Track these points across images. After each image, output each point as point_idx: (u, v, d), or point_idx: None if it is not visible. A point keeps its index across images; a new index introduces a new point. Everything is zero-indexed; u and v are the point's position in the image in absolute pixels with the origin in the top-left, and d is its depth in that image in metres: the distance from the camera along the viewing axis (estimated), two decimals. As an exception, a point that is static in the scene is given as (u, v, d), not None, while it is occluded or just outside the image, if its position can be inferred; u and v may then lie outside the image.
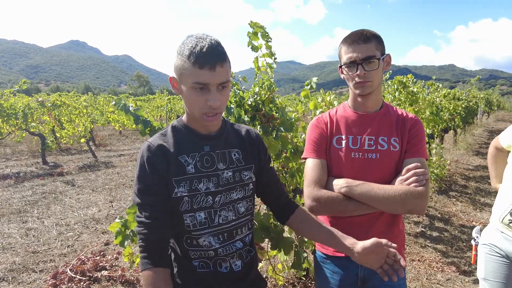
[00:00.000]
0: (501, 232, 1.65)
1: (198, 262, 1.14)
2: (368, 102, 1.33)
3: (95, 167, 8.14)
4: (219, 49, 1.00)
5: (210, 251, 1.13)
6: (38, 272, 3.26)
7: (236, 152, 1.20)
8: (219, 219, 1.13)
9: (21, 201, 5.48)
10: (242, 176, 1.19)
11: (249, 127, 1.30)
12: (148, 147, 1.08)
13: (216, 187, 1.12)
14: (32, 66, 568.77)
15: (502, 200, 1.66)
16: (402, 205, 1.19)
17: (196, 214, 1.10)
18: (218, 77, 1.00)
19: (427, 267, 3.28)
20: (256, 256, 1.29)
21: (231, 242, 1.16)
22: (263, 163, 1.27)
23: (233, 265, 1.17)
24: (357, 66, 1.24)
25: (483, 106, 17.35)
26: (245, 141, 1.23)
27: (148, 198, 1.07)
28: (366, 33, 1.25)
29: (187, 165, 1.09)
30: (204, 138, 1.13)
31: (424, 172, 1.22)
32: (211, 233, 1.12)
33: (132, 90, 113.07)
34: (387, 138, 1.30)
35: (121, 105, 1.61)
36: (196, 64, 0.98)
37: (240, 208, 1.18)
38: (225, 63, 1.01)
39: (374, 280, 1.32)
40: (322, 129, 1.38)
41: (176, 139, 1.11)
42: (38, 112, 9.05)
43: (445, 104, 7.74)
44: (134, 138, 13.96)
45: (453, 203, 5.20)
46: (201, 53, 0.97)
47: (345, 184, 1.25)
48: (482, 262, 1.73)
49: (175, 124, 1.16)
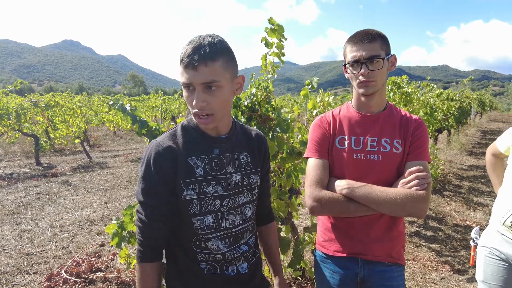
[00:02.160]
0: (501, 234, 1.63)
1: (205, 265, 1.14)
2: (372, 102, 1.32)
3: (90, 168, 8.08)
4: (208, 48, 0.96)
5: (218, 255, 1.13)
6: (32, 274, 3.23)
7: (244, 155, 1.19)
8: (226, 223, 1.13)
9: (14, 202, 5.42)
10: (250, 180, 1.19)
11: (258, 131, 1.29)
12: (156, 147, 1.06)
13: (224, 190, 1.11)
14: (25, 65, 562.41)
15: (504, 202, 1.64)
16: (403, 208, 1.19)
17: (205, 218, 1.10)
18: (200, 76, 0.96)
19: (422, 266, 3.31)
20: (260, 258, 1.30)
21: (237, 245, 1.16)
22: (265, 171, 1.29)
23: (239, 268, 1.17)
24: (361, 65, 1.23)
25: (476, 107, 17.53)
26: (254, 144, 1.23)
27: (151, 199, 1.07)
28: (371, 33, 1.25)
29: (196, 167, 1.08)
30: (214, 141, 1.12)
31: (426, 176, 1.21)
32: (218, 237, 1.12)
33: (126, 90, 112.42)
34: (390, 140, 1.30)
35: (119, 105, 1.61)
36: (183, 64, 0.98)
37: (247, 212, 1.19)
38: (213, 62, 0.97)
39: (374, 280, 1.32)
40: (325, 129, 1.37)
41: (185, 140, 1.09)
42: (31, 112, 8.96)
43: (439, 105, 7.82)
44: (128, 139, 13.88)
45: (447, 202, 5.25)
46: (186, 53, 0.97)
47: (347, 185, 1.25)
48: (481, 265, 1.72)
49: (185, 123, 1.14)
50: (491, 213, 1.76)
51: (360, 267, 1.32)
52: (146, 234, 1.09)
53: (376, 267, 1.32)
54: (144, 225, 1.08)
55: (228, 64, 1.02)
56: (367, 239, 1.31)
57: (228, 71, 1.02)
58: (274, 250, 1.39)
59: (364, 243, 1.31)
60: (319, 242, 1.45)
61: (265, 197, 1.35)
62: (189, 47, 0.97)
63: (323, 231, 1.43)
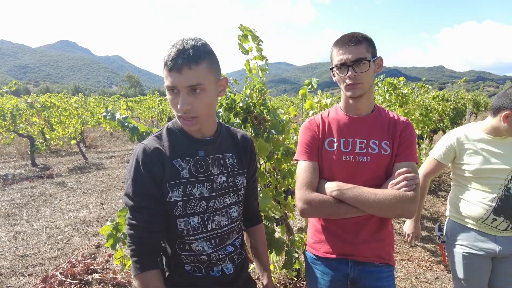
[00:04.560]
0: (478, 231, 1.74)
1: (190, 267, 1.14)
2: (360, 104, 1.33)
3: (86, 169, 8.05)
4: (192, 52, 0.97)
5: (203, 256, 1.13)
6: (27, 276, 3.22)
7: (230, 156, 1.20)
8: (212, 224, 1.13)
9: (10, 204, 5.39)
10: (235, 181, 1.19)
11: (245, 132, 1.30)
12: (144, 150, 1.06)
13: (210, 192, 1.12)
14: (20, 66, 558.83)
15: (476, 202, 1.72)
16: (392, 210, 1.21)
17: (190, 219, 1.10)
18: (185, 79, 0.97)
19: (417, 266, 3.34)
20: (246, 258, 1.30)
21: (222, 246, 1.17)
22: (251, 172, 1.29)
23: (225, 269, 1.17)
24: (348, 68, 1.25)
25: (471, 107, 17.66)
26: (240, 146, 1.24)
27: (144, 201, 1.05)
28: (356, 36, 1.27)
29: (182, 169, 1.08)
30: (199, 143, 1.12)
31: (414, 177, 1.23)
32: (204, 238, 1.12)
33: (123, 91, 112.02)
34: (378, 142, 1.31)
35: (110, 115, 1.68)
36: (166, 67, 0.98)
37: (232, 213, 1.19)
38: (197, 65, 0.97)
39: (364, 281, 1.34)
40: (314, 131, 1.39)
41: (171, 142, 1.10)
42: (27, 113, 8.91)
43: (434, 105, 7.87)
44: (125, 140, 13.84)
45: (442, 202, 5.29)
46: (170, 56, 0.97)
47: (337, 187, 1.26)
48: (461, 263, 1.78)
49: (170, 126, 1.14)
50: (456, 212, 1.84)
51: (350, 268, 1.34)
52: (143, 240, 1.05)
53: (366, 267, 1.33)
54: (139, 230, 1.05)
55: (211, 67, 1.03)
56: (356, 240, 1.32)
57: (212, 73, 1.03)
58: (262, 251, 1.39)
59: (353, 244, 1.32)
60: (310, 244, 1.47)
61: (252, 198, 1.35)
62: (173, 51, 0.98)
63: (314, 232, 1.45)
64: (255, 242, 1.40)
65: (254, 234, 1.40)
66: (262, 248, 1.40)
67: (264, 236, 1.43)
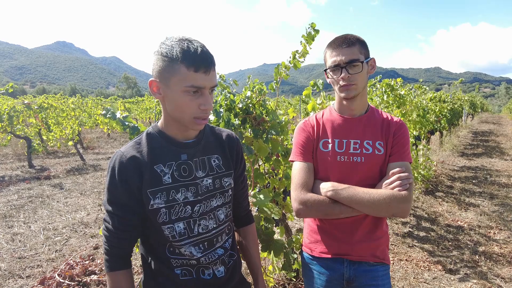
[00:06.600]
0: None
1: (180, 270, 1.12)
2: (353, 105, 1.35)
3: (83, 170, 8.02)
4: (210, 52, 1.00)
5: (193, 260, 1.12)
6: (24, 278, 3.20)
7: (216, 158, 1.17)
8: (198, 228, 1.11)
9: (6, 205, 5.36)
10: (222, 182, 1.17)
11: (230, 131, 1.28)
12: (120, 158, 1.04)
13: (195, 196, 1.09)
14: (17, 67, 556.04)
15: None
16: (386, 209, 1.22)
17: (175, 225, 1.07)
18: (211, 80, 0.99)
19: (415, 266, 3.35)
20: (239, 259, 1.29)
21: (212, 250, 1.15)
22: (239, 172, 1.27)
23: (216, 272, 1.15)
24: (341, 69, 1.27)
25: (467, 108, 17.78)
26: (225, 146, 1.21)
27: (117, 209, 1.05)
28: (349, 37, 1.29)
29: (164, 175, 1.05)
30: (181, 146, 1.09)
31: (407, 176, 1.25)
32: (191, 243, 1.10)
33: (120, 92, 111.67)
34: (372, 142, 1.33)
35: (110, 114, 1.67)
36: (192, 67, 0.95)
37: (220, 215, 1.17)
38: (215, 66, 1.02)
39: (360, 280, 1.35)
40: (308, 132, 1.40)
41: (150, 147, 1.07)
42: (24, 114, 8.87)
43: (431, 107, 7.91)
44: (122, 141, 13.80)
45: (439, 203, 5.32)
46: (196, 55, 0.95)
47: (331, 187, 1.28)
48: None
49: (149, 131, 1.11)
50: None
51: (345, 267, 1.35)
52: (114, 243, 1.07)
53: (362, 267, 1.34)
54: (111, 234, 1.07)
55: None
56: (352, 240, 1.33)
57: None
58: (253, 252, 1.37)
59: (349, 244, 1.34)
60: (306, 244, 1.48)
61: (241, 198, 1.34)
62: (196, 49, 0.96)
63: (309, 233, 1.46)
64: (246, 242, 1.37)
65: (245, 235, 1.38)
66: (253, 249, 1.38)
67: (255, 236, 1.41)
